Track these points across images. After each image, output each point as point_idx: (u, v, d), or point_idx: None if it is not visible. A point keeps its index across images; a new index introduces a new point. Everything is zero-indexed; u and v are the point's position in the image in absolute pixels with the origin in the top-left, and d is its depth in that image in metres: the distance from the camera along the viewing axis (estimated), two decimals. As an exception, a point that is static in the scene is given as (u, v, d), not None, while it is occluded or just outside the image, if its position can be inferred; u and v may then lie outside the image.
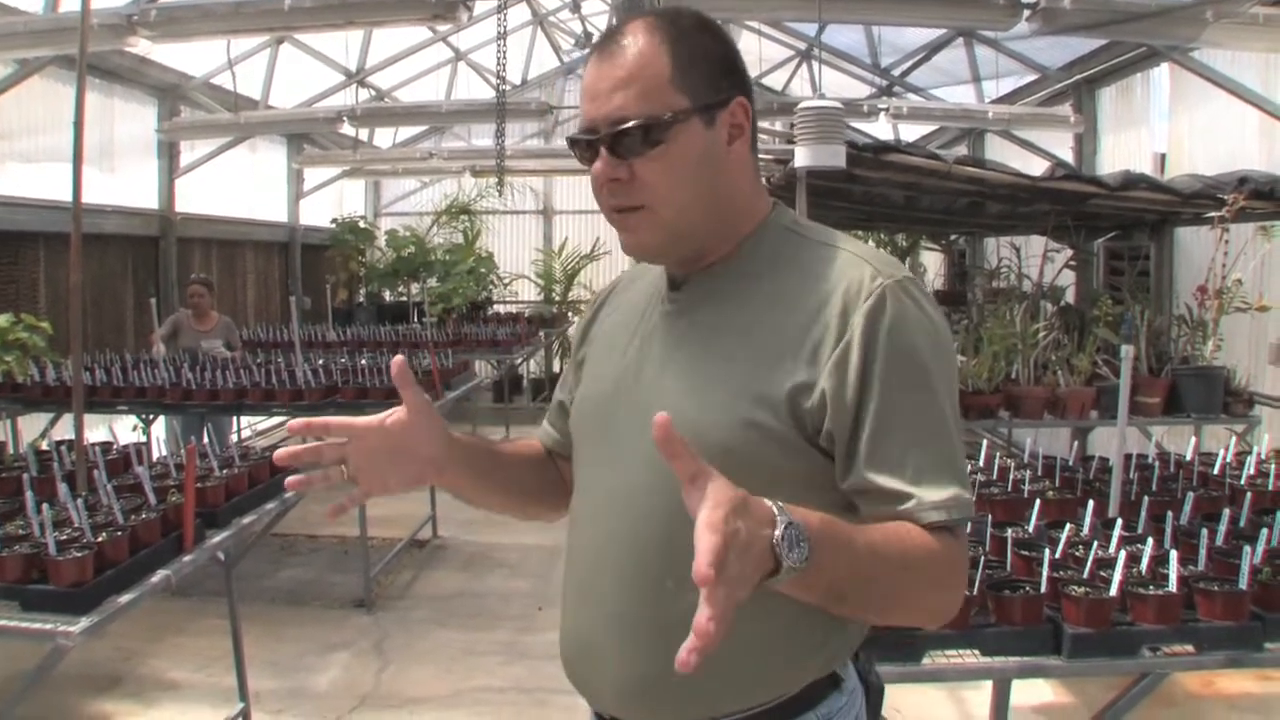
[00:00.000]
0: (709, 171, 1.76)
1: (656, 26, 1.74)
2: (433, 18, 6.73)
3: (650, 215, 1.75)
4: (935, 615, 1.68)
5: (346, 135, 15.12)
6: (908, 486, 1.61)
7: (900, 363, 1.63)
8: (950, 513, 1.60)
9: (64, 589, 3.37)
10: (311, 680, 6.18)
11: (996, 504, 4.09)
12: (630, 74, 1.71)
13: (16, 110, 9.37)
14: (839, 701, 1.78)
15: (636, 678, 1.76)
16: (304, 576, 8.11)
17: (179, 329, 9.54)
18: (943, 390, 1.66)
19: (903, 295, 1.66)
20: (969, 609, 3.03)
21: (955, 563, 1.64)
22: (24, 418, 7.79)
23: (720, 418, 1.68)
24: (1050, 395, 6.89)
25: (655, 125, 1.70)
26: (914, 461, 1.62)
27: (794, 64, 15.80)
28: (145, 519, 3.89)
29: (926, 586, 1.62)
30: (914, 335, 1.65)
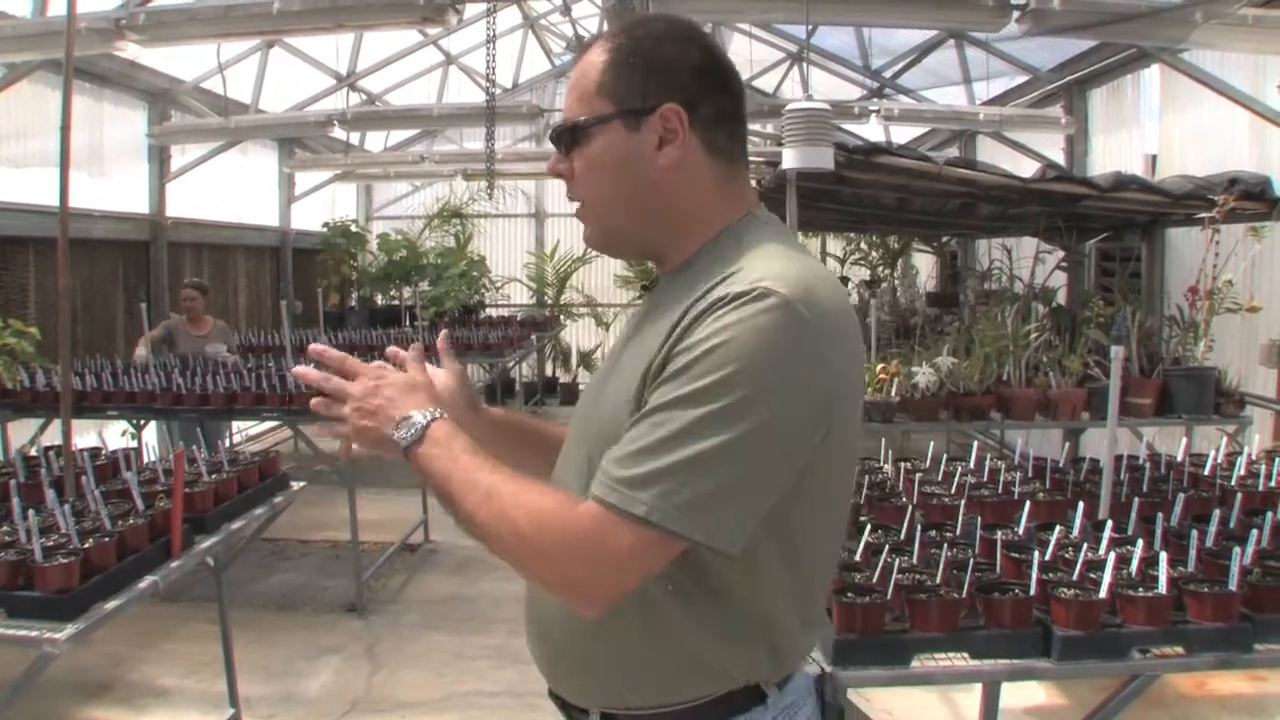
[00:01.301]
0: (632, 173, 1.85)
1: (610, 37, 1.90)
2: (421, 21, 6.72)
3: (586, 211, 1.95)
4: (532, 568, 1.73)
5: (338, 139, 15.11)
6: (607, 456, 1.67)
7: (699, 359, 1.63)
8: (606, 492, 1.62)
9: (50, 595, 3.35)
10: (302, 685, 6.17)
11: (987, 506, 4.08)
12: (574, 81, 1.90)
13: (5, 114, 9.34)
14: (759, 715, 1.82)
15: (545, 658, 1.98)
16: (295, 581, 8.09)
17: (174, 335, 9.50)
18: (725, 400, 1.59)
19: (749, 301, 1.64)
20: (958, 611, 3.03)
21: (580, 530, 1.64)
22: (13, 424, 7.76)
23: (610, 417, 1.79)
24: (1041, 397, 6.90)
25: (577, 127, 1.87)
26: (630, 439, 1.66)
27: (785, 66, 15.80)
28: (133, 525, 3.87)
29: (511, 532, 1.68)
30: (720, 335, 1.63)
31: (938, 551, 3.37)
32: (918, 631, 3.02)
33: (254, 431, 13.53)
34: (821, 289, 1.70)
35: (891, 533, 3.71)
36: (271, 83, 12.65)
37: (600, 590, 1.67)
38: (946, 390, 7.01)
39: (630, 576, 1.66)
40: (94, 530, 3.78)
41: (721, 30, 15.61)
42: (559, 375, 18.20)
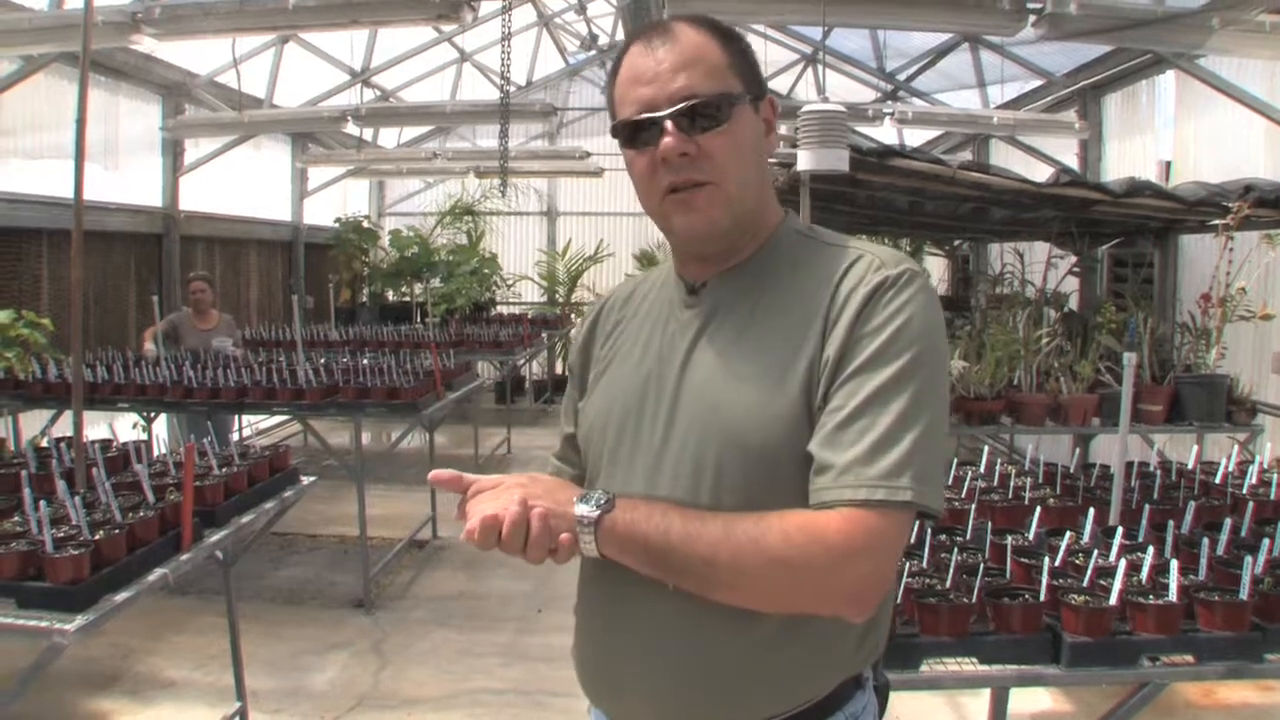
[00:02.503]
0: (758, 156, 1.88)
1: (701, 24, 1.85)
2: (437, 18, 6.72)
3: (716, 192, 1.81)
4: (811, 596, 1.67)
5: (351, 135, 15.10)
6: (838, 456, 1.65)
7: (873, 342, 1.69)
8: (870, 491, 1.62)
9: (60, 586, 3.35)
10: (309, 680, 6.17)
11: (997, 511, 4.07)
12: (692, 57, 1.79)
13: (21, 107, 9.37)
14: (863, 700, 1.87)
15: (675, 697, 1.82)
16: (303, 576, 8.10)
17: (180, 329, 9.50)
18: (921, 377, 1.68)
19: (906, 282, 1.74)
20: (968, 616, 3.03)
21: (841, 533, 1.62)
22: (24, 415, 7.77)
23: (756, 414, 1.75)
24: (1052, 402, 6.87)
25: (724, 101, 1.79)
26: (857, 433, 1.66)
27: (799, 68, 15.79)
28: (143, 517, 3.87)
29: (765, 568, 1.63)
30: (903, 316, 1.71)
31: (948, 556, 3.37)
32: (927, 636, 3.01)
33: (263, 426, 13.58)
34: None
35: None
36: (285, 78, 12.68)
37: (881, 586, 1.69)
38: (957, 394, 7.00)
39: (895, 565, 1.72)
40: (104, 522, 3.78)
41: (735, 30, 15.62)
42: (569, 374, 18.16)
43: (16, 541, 3.56)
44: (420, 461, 10.70)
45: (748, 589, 1.67)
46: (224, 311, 10.42)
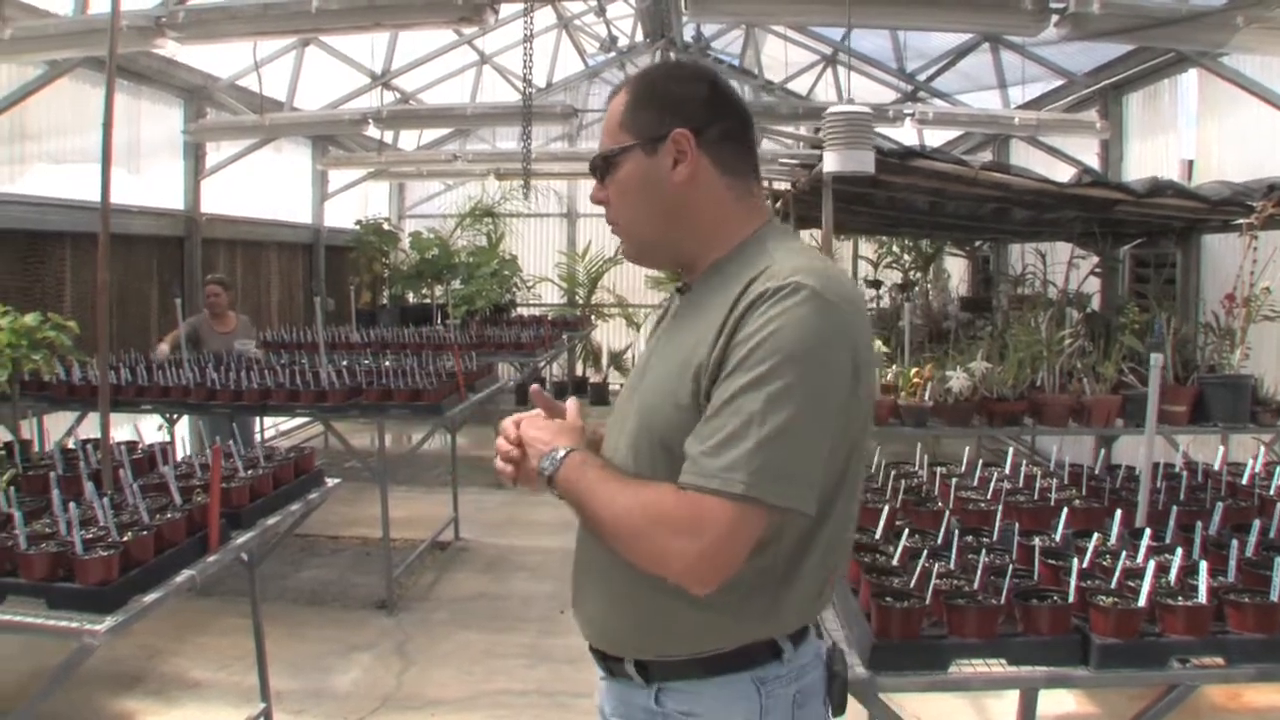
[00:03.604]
0: (653, 192, 2.19)
1: (633, 80, 2.27)
2: (459, 20, 6.71)
3: (621, 229, 2.28)
4: (655, 561, 1.93)
5: (371, 137, 15.16)
6: (695, 448, 1.92)
7: (753, 350, 1.90)
8: (707, 480, 1.87)
9: (90, 588, 3.37)
10: (333, 681, 6.20)
11: (1023, 512, 4.05)
12: (605, 122, 2.25)
13: (45, 111, 9.42)
14: (777, 670, 2.10)
15: (593, 618, 2.25)
16: (325, 577, 8.13)
17: (200, 333, 9.52)
18: (779, 383, 1.87)
19: (787, 294, 1.93)
20: (996, 617, 3.02)
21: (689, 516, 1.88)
22: (49, 416, 7.81)
23: (661, 405, 2.07)
24: (1075, 403, 6.84)
25: (606, 157, 2.22)
26: (711, 430, 1.91)
27: (819, 69, 15.76)
28: (170, 519, 3.88)
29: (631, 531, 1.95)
30: (776, 326, 1.90)
31: (975, 557, 3.36)
32: (955, 637, 2.99)
33: (285, 427, 13.62)
34: (840, 280, 2.02)
35: (928, 537, 3.69)
36: (306, 81, 12.70)
37: (714, 568, 1.90)
38: (980, 395, 6.98)
39: (739, 551, 1.90)
40: (133, 524, 3.80)
41: (755, 32, 15.62)
42: (589, 375, 18.20)
43: (46, 542, 3.58)
44: (442, 463, 10.70)
45: (617, 546, 2.00)
46: (243, 313, 10.45)
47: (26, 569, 3.45)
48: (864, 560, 3.45)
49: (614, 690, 2.26)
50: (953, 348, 7.92)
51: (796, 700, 2.11)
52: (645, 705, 2.15)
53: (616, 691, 2.25)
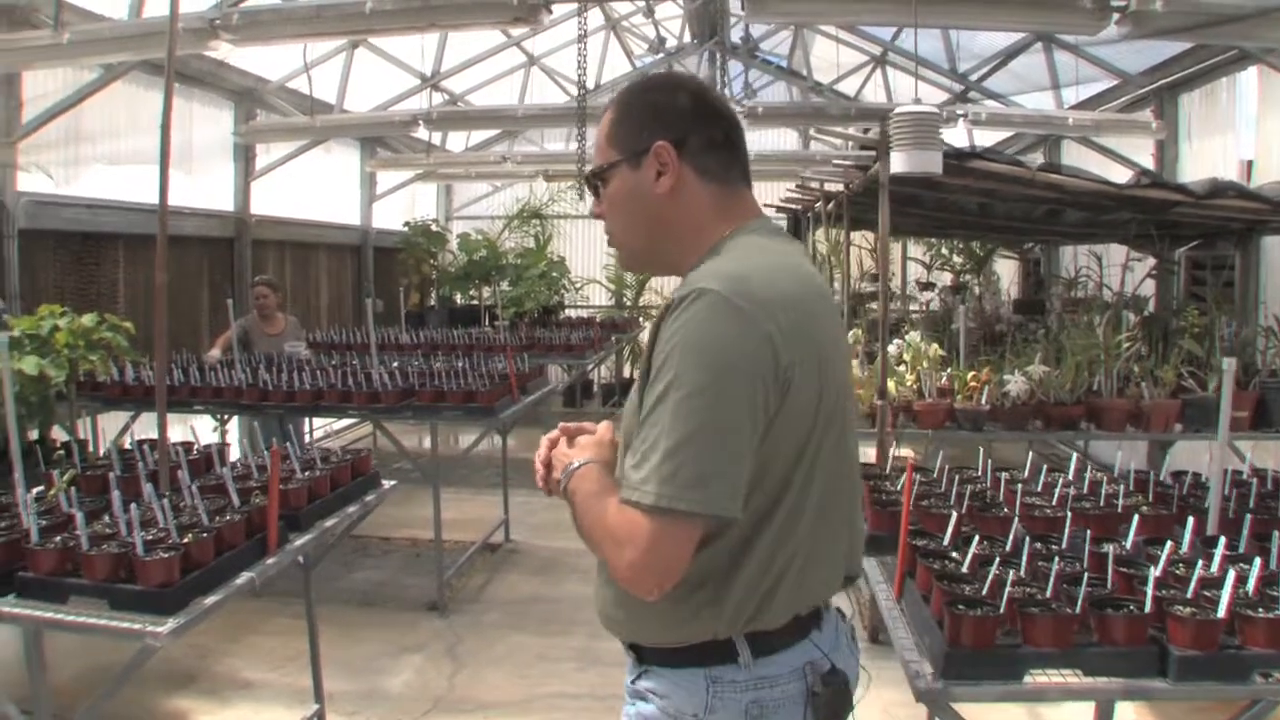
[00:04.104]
0: (639, 204, 2.28)
1: (617, 96, 2.35)
2: (514, 21, 6.67)
3: (615, 240, 2.38)
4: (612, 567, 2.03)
5: (419, 139, 15.21)
6: (625, 463, 2.04)
7: (664, 361, 1.99)
8: (629, 493, 1.97)
9: (152, 589, 3.38)
10: (385, 682, 6.19)
11: (1091, 519, 3.98)
12: (597, 137, 2.35)
13: (100, 113, 9.49)
14: (732, 674, 2.14)
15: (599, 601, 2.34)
16: (377, 578, 8.13)
17: (249, 335, 9.55)
18: (680, 393, 1.94)
19: (687, 304, 2.00)
20: (1072, 626, 2.96)
21: (613, 539, 2.00)
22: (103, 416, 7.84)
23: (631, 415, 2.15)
24: (1134, 407, 6.77)
25: (595, 174, 2.33)
26: (637, 443, 2.00)
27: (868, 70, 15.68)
28: (230, 520, 3.90)
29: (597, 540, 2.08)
30: (677, 338, 1.98)
31: (1045, 565, 3.31)
32: (1029, 646, 2.94)
33: (333, 428, 13.66)
34: (757, 279, 2.03)
35: (996, 544, 3.64)
36: (355, 83, 12.74)
37: (650, 576, 1.98)
38: (1037, 399, 6.91)
39: (670, 559, 1.97)
40: (192, 525, 3.81)
41: (804, 33, 15.56)
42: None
43: (108, 543, 3.59)
44: (492, 464, 10.68)
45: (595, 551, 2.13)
46: (293, 314, 10.48)
47: (89, 569, 3.46)
48: (934, 567, 3.41)
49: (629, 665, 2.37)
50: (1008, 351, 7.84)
51: (751, 711, 2.13)
52: (632, 681, 2.30)
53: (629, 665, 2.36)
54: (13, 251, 8.37)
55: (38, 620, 3.41)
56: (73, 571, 3.52)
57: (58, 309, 5.96)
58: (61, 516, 3.95)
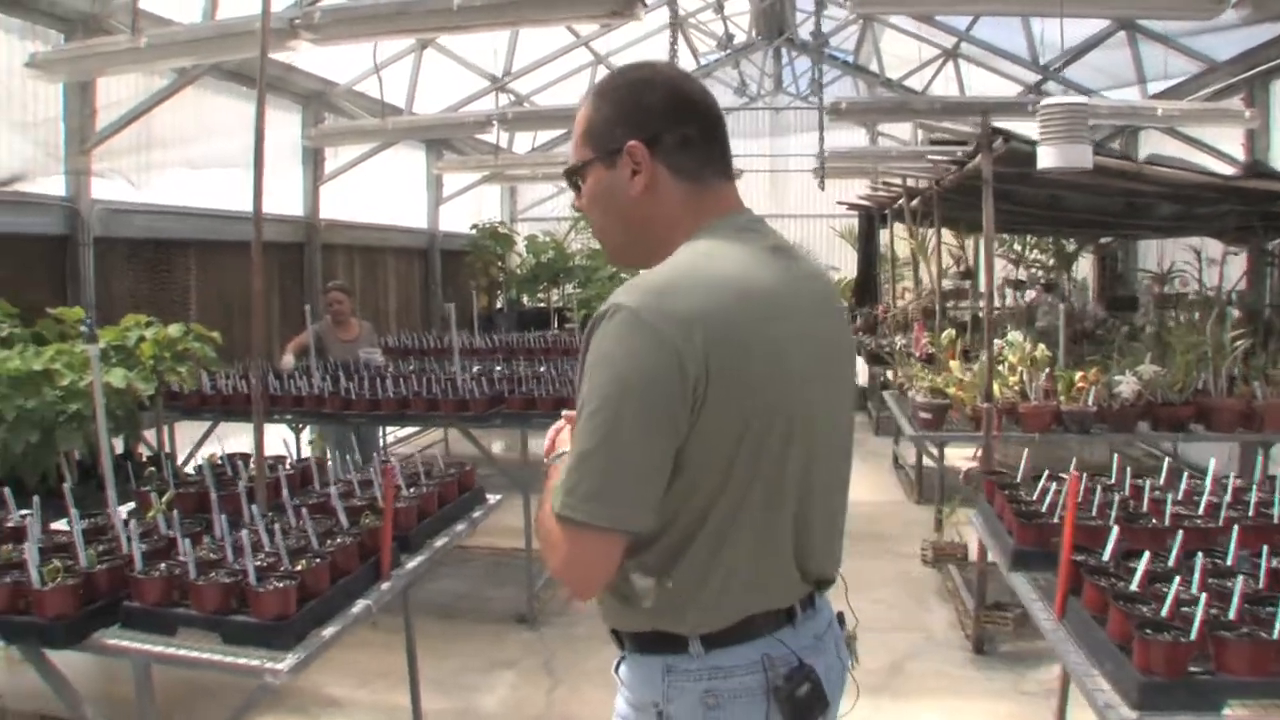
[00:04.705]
0: (615, 202, 2.24)
1: (591, 91, 2.31)
2: (610, 14, 6.46)
3: (596, 235, 2.39)
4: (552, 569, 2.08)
5: (484, 141, 15.13)
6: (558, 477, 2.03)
7: (581, 376, 2.02)
8: (555, 504, 1.98)
9: (267, 622, 3.19)
10: (479, 700, 6.00)
11: (1248, 530, 3.65)
12: (574, 133, 2.31)
13: (170, 120, 9.41)
14: (684, 663, 2.15)
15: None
16: (458, 589, 7.92)
17: (323, 341, 9.39)
18: (596, 410, 1.95)
19: (600, 321, 2.00)
20: (1269, 653, 2.71)
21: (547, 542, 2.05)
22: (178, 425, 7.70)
23: None
24: (1245, 407, 6.51)
25: (572, 171, 2.31)
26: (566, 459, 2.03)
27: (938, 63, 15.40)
28: (342, 544, 3.69)
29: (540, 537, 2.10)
30: (593, 354, 1.99)
31: (1220, 582, 3.07)
32: (1226, 675, 2.71)
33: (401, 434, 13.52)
34: (680, 291, 2.00)
35: (1157, 559, 3.38)
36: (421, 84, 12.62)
37: (577, 581, 2.08)
38: (1144, 400, 6.65)
39: (591, 567, 2.02)
40: (302, 549, 3.61)
41: (874, 28, 15.32)
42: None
43: (215, 571, 3.40)
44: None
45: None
46: (364, 319, 10.35)
47: (198, 600, 3.28)
48: (1100, 584, 3.19)
49: None
50: (1114, 350, 7.58)
51: (706, 700, 2.14)
52: (615, 669, 2.33)
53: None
54: (89, 260, 8.32)
55: (148, 655, 3.24)
56: (180, 601, 3.35)
57: (142, 319, 5.83)
58: (161, 539, 3.79)
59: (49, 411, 4.96)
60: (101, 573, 3.46)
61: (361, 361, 8.90)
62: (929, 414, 7.16)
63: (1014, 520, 4.07)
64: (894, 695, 5.91)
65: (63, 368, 5.14)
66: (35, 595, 3.30)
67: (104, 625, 3.36)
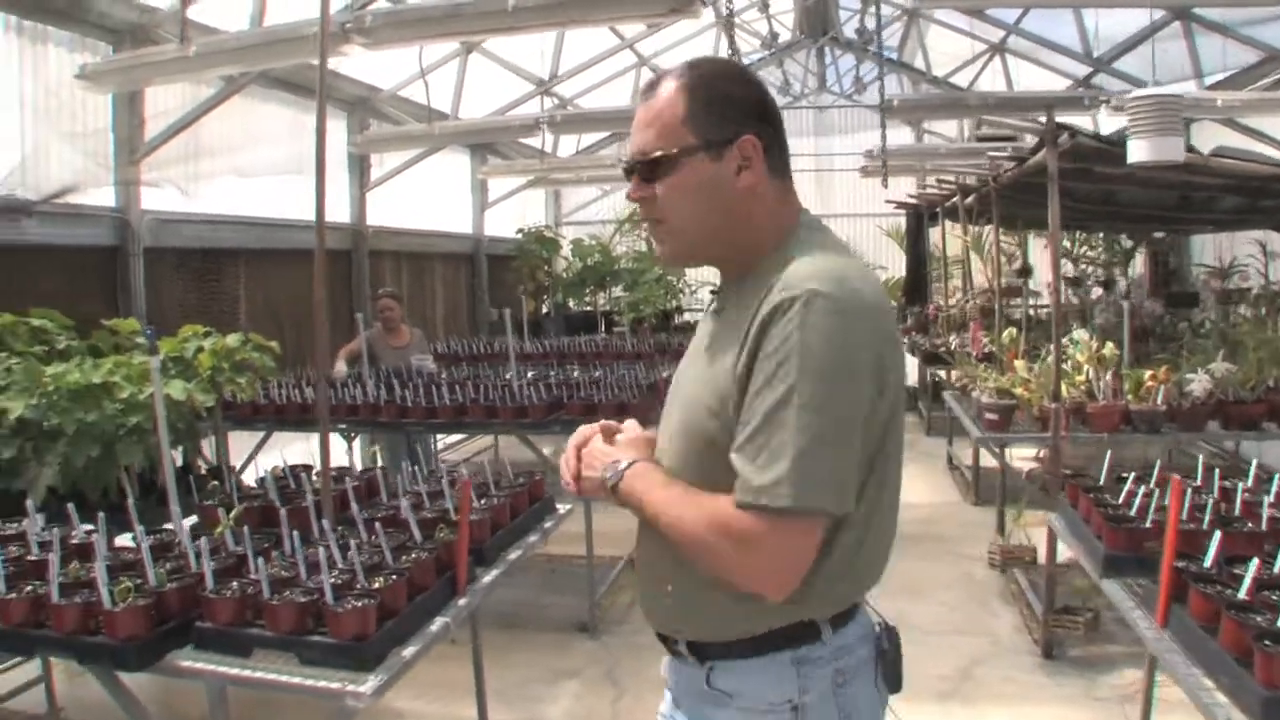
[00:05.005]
0: (715, 197, 2.18)
1: (681, 74, 2.20)
2: (669, 12, 6.37)
3: (667, 228, 2.25)
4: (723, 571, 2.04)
5: (528, 145, 15.06)
6: (743, 467, 1.98)
7: (773, 361, 1.97)
8: (756, 497, 1.94)
9: (346, 642, 3.10)
10: (544, 711, 5.90)
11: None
12: (654, 117, 2.18)
13: (216, 129, 9.37)
14: (817, 651, 2.16)
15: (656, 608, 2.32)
16: (516, 597, 7.79)
17: (374, 349, 9.31)
18: (804, 395, 1.93)
19: (802, 304, 1.97)
20: None
21: (720, 543, 2.00)
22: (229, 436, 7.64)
23: (695, 406, 2.15)
24: (1323, 405, 6.36)
25: (665, 159, 2.17)
26: (754, 448, 1.97)
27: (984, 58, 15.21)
28: (418, 559, 3.59)
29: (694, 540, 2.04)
30: (789, 338, 1.96)
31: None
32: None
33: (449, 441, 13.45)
34: (854, 280, 2.05)
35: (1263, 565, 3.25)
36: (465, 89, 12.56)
37: (780, 578, 2.01)
38: (1215, 398, 6.49)
39: (800, 558, 2.00)
40: (377, 565, 3.51)
41: (919, 24, 15.16)
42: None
43: (289, 590, 3.31)
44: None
45: (683, 553, 2.10)
46: (413, 326, 10.29)
47: (272, 620, 3.19)
48: (1208, 592, 3.08)
49: (675, 667, 2.36)
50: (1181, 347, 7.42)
51: (835, 680, 2.17)
52: (699, 683, 2.24)
53: (676, 668, 2.35)
54: (139, 270, 8.28)
55: (224, 678, 3.15)
56: (254, 621, 3.26)
57: (199, 329, 5.76)
58: (230, 556, 3.70)
59: (109, 425, 4.90)
60: (172, 592, 3.38)
61: (414, 369, 8.82)
62: (995, 414, 7.02)
63: (1104, 525, 3.95)
64: (964, 701, 5.80)
65: (122, 380, 5.08)
66: (106, 616, 3.22)
67: (176, 646, 3.28)
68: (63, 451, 4.81)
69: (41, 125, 7.66)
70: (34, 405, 4.89)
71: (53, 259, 7.67)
